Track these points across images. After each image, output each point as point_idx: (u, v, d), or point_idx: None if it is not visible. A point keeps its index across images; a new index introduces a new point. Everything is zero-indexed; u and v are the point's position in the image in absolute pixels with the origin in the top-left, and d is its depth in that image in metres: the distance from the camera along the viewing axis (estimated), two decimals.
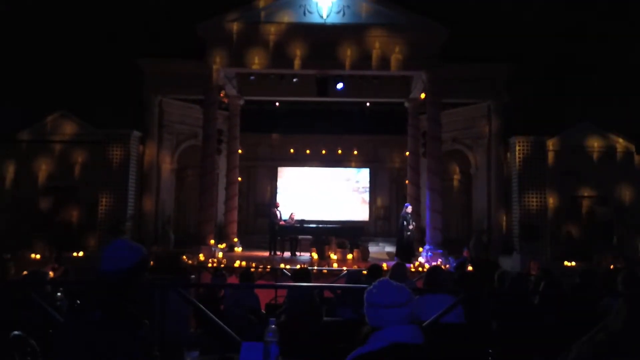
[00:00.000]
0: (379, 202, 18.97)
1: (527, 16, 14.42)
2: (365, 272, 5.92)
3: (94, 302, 2.17)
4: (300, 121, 17.28)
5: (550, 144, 13.54)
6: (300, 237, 13.94)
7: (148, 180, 14.27)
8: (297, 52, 12.85)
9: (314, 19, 13.00)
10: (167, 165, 15.15)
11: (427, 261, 11.98)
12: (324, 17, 12.97)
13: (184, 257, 11.80)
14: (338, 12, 12.97)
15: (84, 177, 13.65)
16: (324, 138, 18.38)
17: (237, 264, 11.25)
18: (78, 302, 4.44)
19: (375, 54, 12.91)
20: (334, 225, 15.01)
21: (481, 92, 14.21)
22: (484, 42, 13.76)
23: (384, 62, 12.96)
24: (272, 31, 12.96)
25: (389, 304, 2.19)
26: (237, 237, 15.16)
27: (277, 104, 16.42)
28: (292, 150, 18.76)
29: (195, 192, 14.18)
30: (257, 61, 12.99)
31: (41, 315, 3.62)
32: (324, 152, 18.63)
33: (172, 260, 10.92)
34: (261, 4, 13.01)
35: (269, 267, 10.73)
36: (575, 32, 14.58)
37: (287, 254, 13.52)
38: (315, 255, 12.51)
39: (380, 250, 15.69)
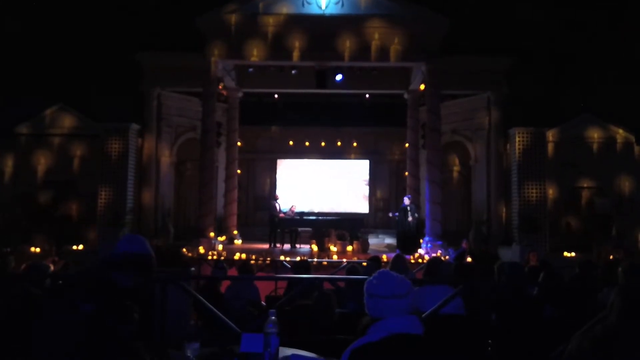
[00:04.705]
0: (378, 194, 18.96)
1: (527, 8, 14.35)
2: (364, 264, 5.93)
3: (87, 293, 2.15)
4: (300, 113, 17.22)
5: (550, 135, 13.52)
6: (300, 229, 13.94)
7: (147, 174, 14.26)
8: (296, 44, 12.79)
9: (313, 10, 12.91)
10: (166, 158, 15.13)
11: (426, 253, 12.00)
12: (323, 8, 12.88)
13: (184, 249, 11.82)
14: (337, 3, 12.88)
15: (83, 171, 13.67)
16: (323, 130, 18.31)
17: (237, 256, 11.27)
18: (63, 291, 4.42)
19: (374, 45, 12.85)
20: (333, 217, 15.00)
21: (481, 84, 14.16)
22: (484, 34, 13.72)
23: (384, 53, 12.90)
24: (270, 23, 12.89)
25: (390, 295, 2.19)
26: (237, 230, 15.16)
27: (276, 96, 16.36)
28: (291, 143, 18.70)
29: (195, 185, 14.17)
30: (255, 53, 12.93)
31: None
32: (323, 144, 18.57)
33: (172, 253, 10.95)
34: None
35: (268, 259, 10.75)
36: (575, 23, 14.52)
37: (287, 246, 13.53)
38: (315, 248, 12.53)
39: (380, 242, 15.71)
